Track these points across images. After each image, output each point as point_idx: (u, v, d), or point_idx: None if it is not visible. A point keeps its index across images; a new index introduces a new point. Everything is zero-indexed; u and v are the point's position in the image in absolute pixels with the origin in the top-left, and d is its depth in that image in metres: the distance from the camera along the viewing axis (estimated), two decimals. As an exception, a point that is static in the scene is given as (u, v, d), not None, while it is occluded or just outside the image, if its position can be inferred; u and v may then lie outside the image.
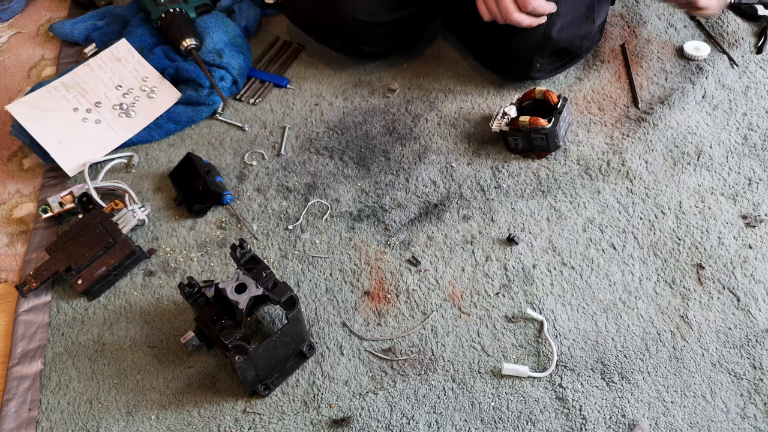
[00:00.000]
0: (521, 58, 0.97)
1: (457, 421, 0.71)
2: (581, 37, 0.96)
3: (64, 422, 0.74)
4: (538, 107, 0.93)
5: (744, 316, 0.76)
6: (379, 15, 0.99)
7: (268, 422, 0.73)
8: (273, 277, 0.71)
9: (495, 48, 0.99)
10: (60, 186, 0.98)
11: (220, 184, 0.93)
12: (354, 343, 0.78)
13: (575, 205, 0.88)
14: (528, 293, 0.80)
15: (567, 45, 0.95)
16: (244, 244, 0.72)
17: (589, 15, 0.96)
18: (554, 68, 1.00)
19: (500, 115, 0.92)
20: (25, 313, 0.84)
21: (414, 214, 0.89)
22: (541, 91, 0.91)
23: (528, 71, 0.98)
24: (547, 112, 0.90)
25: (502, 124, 0.91)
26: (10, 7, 1.30)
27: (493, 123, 0.91)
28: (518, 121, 0.89)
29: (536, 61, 0.96)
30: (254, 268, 0.71)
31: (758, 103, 0.97)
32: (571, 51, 0.97)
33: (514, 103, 0.93)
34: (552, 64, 0.99)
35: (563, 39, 0.94)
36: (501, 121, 0.91)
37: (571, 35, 0.94)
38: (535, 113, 0.91)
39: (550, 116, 0.89)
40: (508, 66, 1.00)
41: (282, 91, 1.09)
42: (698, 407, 0.70)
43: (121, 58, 1.07)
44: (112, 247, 0.85)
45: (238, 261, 0.71)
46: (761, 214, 0.85)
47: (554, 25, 0.92)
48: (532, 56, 0.95)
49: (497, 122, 0.91)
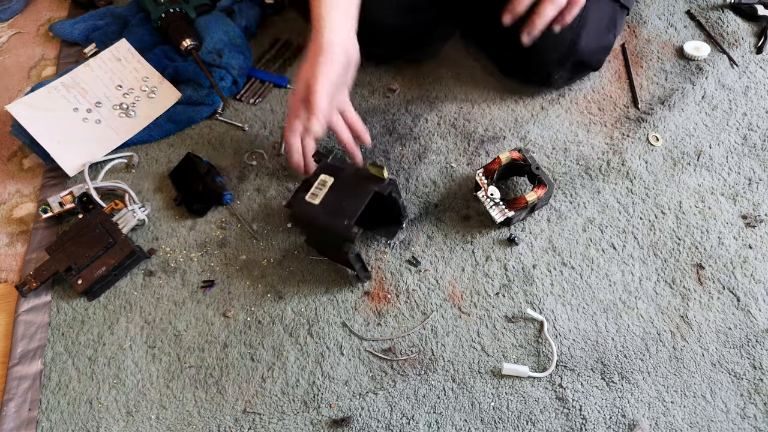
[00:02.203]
0: (542, 70, 0.96)
1: (457, 421, 0.71)
2: (602, 50, 0.97)
3: (64, 422, 0.74)
4: (509, 170, 0.89)
5: (744, 316, 0.76)
6: (392, 18, 0.98)
7: (268, 422, 0.73)
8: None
9: (516, 58, 0.98)
10: (60, 186, 0.98)
11: (220, 184, 0.93)
12: (354, 343, 0.78)
13: (575, 205, 0.88)
14: (528, 293, 0.80)
15: (588, 58, 0.95)
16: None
17: (610, 28, 0.95)
18: (570, 78, 1.01)
19: (491, 202, 0.84)
20: (25, 313, 0.84)
21: (414, 214, 0.89)
22: (507, 157, 0.86)
23: (547, 80, 0.98)
24: (518, 169, 0.88)
25: (505, 212, 0.84)
26: (10, 7, 1.30)
27: (495, 214, 0.84)
28: (524, 199, 0.83)
29: (555, 72, 0.96)
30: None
31: (758, 103, 0.97)
32: (590, 64, 0.98)
33: (487, 182, 0.85)
34: (569, 75, 0.99)
35: (586, 51, 0.93)
36: (501, 208, 0.84)
37: (593, 47, 0.94)
38: (508, 175, 0.90)
39: (530, 174, 0.86)
40: (527, 75, 1.00)
41: (282, 91, 1.09)
42: (698, 407, 0.70)
43: (121, 58, 1.07)
44: (112, 247, 0.85)
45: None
46: (761, 214, 0.85)
47: (580, 36, 0.91)
48: (553, 69, 0.95)
49: (499, 212, 0.83)
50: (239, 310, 0.82)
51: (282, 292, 0.83)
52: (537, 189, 0.83)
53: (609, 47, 0.98)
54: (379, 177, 0.76)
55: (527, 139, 0.96)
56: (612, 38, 0.97)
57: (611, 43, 0.97)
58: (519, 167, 0.88)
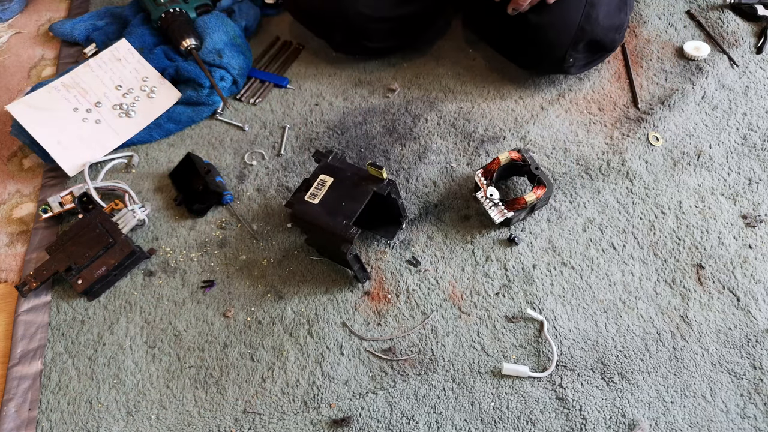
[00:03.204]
0: (555, 53, 0.92)
1: (457, 421, 0.71)
2: (615, 29, 0.93)
3: (64, 422, 0.74)
4: (508, 170, 0.89)
5: (744, 316, 0.76)
6: (383, 10, 0.99)
7: (268, 422, 0.73)
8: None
9: (525, 43, 0.94)
10: (60, 186, 0.98)
11: (220, 184, 0.93)
12: (354, 343, 0.78)
13: (575, 205, 0.88)
14: (528, 293, 0.80)
15: (602, 37, 0.92)
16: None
17: (622, 6, 0.93)
18: (586, 63, 0.97)
19: (490, 203, 0.84)
20: (25, 313, 0.84)
21: (414, 214, 0.89)
22: (506, 157, 0.86)
23: (561, 65, 0.95)
24: (518, 170, 0.88)
25: (504, 212, 0.83)
26: (10, 7, 1.30)
27: (494, 215, 0.84)
28: (523, 200, 0.83)
29: (569, 56, 0.92)
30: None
31: (758, 103, 0.97)
32: (605, 44, 0.94)
33: (486, 183, 0.86)
34: (585, 59, 0.96)
35: (600, 30, 0.90)
36: (500, 209, 0.84)
37: (607, 25, 0.91)
38: (508, 175, 0.90)
39: (530, 174, 0.86)
40: (539, 61, 0.97)
41: (282, 91, 1.09)
42: (698, 407, 0.70)
43: (121, 58, 1.07)
44: (112, 247, 0.85)
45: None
46: (761, 214, 0.85)
47: (591, 14, 0.88)
48: (566, 50, 0.91)
49: (498, 213, 0.84)
50: (239, 310, 0.82)
51: (282, 292, 0.83)
52: (536, 189, 0.83)
53: (622, 26, 0.95)
54: (379, 177, 0.76)
55: (527, 139, 0.96)
56: (624, 17, 0.94)
57: (624, 22, 0.95)
58: (519, 167, 0.87)
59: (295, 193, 0.78)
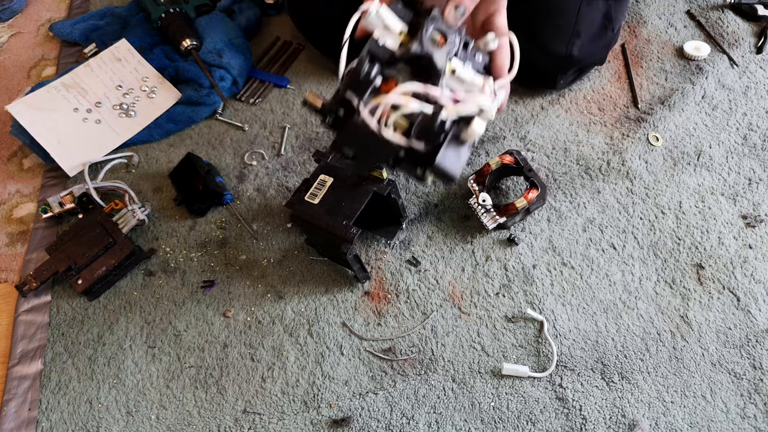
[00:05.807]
0: (544, 79, 0.98)
1: (457, 421, 0.71)
2: (602, 48, 0.97)
3: (64, 422, 0.74)
4: (504, 171, 0.89)
5: (744, 316, 0.76)
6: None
7: (268, 422, 0.73)
8: None
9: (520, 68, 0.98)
10: (60, 186, 0.98)
11: (220, 184, 0.93)
12: (354, 343, 0.78)
13: (575, 205, 0.88)
14: (528, 293, 0.80)
15: (590, 60, 0.97)
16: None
17: (606, 24, 0.95)
18: (574, 79, 1.02)
19: (482, 209, 0.85)
20: (25, 313, 0.84)
21: (414, 214, 0.89)
22: (497, 162, 0.86)
23: (552, 85, 1.00)
24: (515, 170, 0.88)
25: (496, 218, 0.84)
26: (10, 7, 1.30)
27: (487, 221, 0.84)
28: (514, 206, 0.83)
29: (560, 78, 0.98)
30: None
31: (758, 103, 0.97)
32: (594, 63, 0.99)
33: (479, 188, 0.86)
34: (573, 76, 1.01)
35: (587, 54, 0.94)
36: (492, 215, 0.84)
37: (591, 50, 0.95)
38: (506, 175, 0.90)
39: (526, 175, 0.86)
40: (529, 83, 1.01)
41: (282, 91, 1.09)
42: (698, 407, 0.70)
43: (121, 58, 1.07)
44: (112, 247, 0.85)
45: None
46: (761, 214, 0.85)
47: (574, 45, 0.92)
48: (555, 76, 0.97)
49: (490, 219, 0.84)
50: (239, 310, 0.82)
51: (282, 292, 0.83)
52: (528, 193, 0.83)
53: (609, 43, 0.98)
54: (379, 177, 0.76)
55: (527, 139, 0.96)
56: (611, 33, 0.96)
57: (611, 39, 0.97)
58: (514, 169, 0.88)
59: (295, 193, 0.78)
